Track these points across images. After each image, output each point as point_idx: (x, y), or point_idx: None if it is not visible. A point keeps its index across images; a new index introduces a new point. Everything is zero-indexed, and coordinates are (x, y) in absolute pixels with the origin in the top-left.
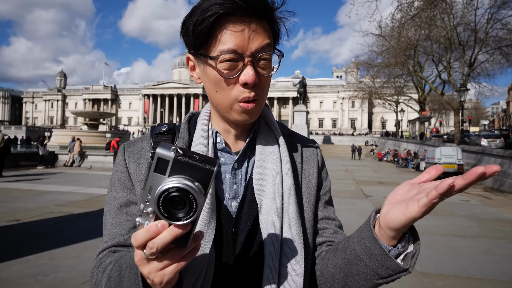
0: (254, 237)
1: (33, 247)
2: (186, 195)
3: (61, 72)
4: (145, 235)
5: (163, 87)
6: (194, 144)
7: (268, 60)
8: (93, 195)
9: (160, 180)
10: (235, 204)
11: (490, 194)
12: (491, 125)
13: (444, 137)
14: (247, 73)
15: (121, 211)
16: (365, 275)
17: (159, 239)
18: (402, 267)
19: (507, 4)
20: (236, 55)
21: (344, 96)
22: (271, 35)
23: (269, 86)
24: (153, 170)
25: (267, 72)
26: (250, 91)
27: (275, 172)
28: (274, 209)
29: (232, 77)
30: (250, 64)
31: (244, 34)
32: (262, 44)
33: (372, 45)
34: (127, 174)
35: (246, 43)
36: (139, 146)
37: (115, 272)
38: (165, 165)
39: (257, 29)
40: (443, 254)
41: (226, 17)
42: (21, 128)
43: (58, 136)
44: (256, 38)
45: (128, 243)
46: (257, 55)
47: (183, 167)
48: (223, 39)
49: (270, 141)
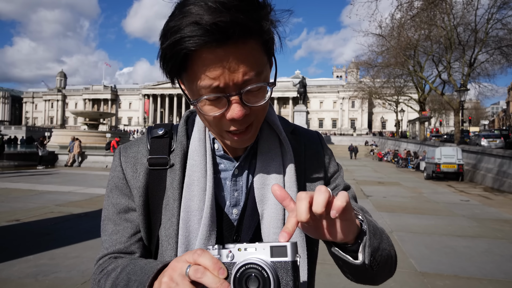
0: None
1: (33, 247)
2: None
3: (61, 72)
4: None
5: (163, 87)
6: (191, 151)
7: (257, 88)
8: (93, 195)
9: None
10: (236, 212)
11: (490, 194)
12: (491, 125)
13: (444, 137)
14: (234, 110)
15: (120, 218)
16: (355, 270)
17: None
18: (357, 264)
19: (507, 4)
20: (218, 93)
21: (344, 96)
22: (260, 53)
23: (267, 106)
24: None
25: (259, 99)
26: (240, 123)
27: (277, 181)
28: (276, 220)
29: (218, 113)
30: (236, 102)
31: (223, 67)
32: (246, 75)
33: (372, 45)
34: (124, 180)
35: (226, 78)
36: (135, 150)
37: (122, 281)
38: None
39: (238, 56)
40: (443, 254)
41: (200, 48)
42: (21, 128)
43: (58, 136)
44: (238, 67)
45: (129, 250)
46: (243, 90)
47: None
48: (199, 73)
49: (272, 146)
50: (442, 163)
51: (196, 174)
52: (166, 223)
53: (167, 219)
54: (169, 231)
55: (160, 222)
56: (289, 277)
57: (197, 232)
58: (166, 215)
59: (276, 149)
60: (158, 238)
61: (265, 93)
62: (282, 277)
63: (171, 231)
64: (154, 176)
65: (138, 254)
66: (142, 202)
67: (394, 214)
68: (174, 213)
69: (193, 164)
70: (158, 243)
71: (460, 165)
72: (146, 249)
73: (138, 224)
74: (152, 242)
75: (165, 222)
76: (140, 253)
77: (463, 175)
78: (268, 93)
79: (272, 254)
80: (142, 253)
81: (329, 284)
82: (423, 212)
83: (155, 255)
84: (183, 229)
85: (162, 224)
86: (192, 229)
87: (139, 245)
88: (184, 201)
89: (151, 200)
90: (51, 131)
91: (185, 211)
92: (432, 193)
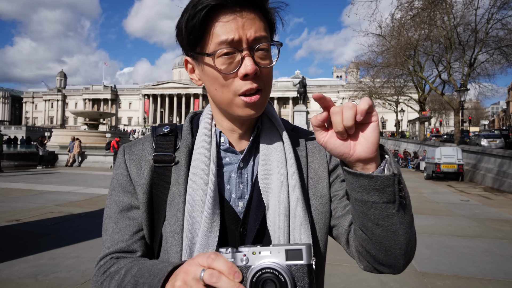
0: (262, 237)
1: (33, 247)
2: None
3: (61, 72)
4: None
5: (163, 87)
6: (197, 145)
7: (266, 50)
8: (93, 195)
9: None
10: (242, 204)
11: (490, 194)
12: (491, 125)
13: (444, 137)
14: (246, 65)
15: (123, 216)
16: (381, 212)
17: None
18: (388, 175)
19: (507, 4)
20: (232, 48)
21: (344, 96)
22: (266, 26)
23: (272, 78)
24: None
25: (267, 63)
26: (252, 82)
27: (280, 170)
28: (281, 208)
29: (231, 72)
30: (248, 56)
31: (238, 23)
32: (257, 33)
33: (372, 45)
34: (128, 177)
35: (240, 32)
36: (140, 148)
37: (128, 285)
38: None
39: (250, 18)
40: (443, 254)
41: (218, 10)
42: (21, 128)
43: (58, 136)
44: (250, 26)
45: (131, 248)
46: (254, 46)
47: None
48: (217, 31)
49: (274, 138)
50: (442, 163)
51: (200, 167)
52: (171, 219)
53: (172, 214)
54: (175, 227)
55: (164, 219)
56: (305, 281)
57: (200, 225)
58: (171, 211)
59: (278, 140)
60: (161, 235)
61: (271, 59)
62: (298, 281)
63: (176, 226)
64: (159, 173)
65: (140, 253)
66: (146, 199)
67: None
68: (180, 208)
69: (198, 157)
70: (161, 241)
71: (460, 165)
72: (148, 247)
73: (141, 222)
74: (154, 240)
75: (170, 218)
76: (142, 252)
77: (463, 175)
78: (274, 60)
79: (287, 258)
80: (144, 252)
81: (329, 284)
82: (423, 212)
83: (158, 253)
84: (187, 223)
85: (167, 220)
86: (195, 222)
87: (141, 244)
88: (189, 194)
89: (155, 197)
90: (51, 131)
91: (189, 203)
92: (432, 193)
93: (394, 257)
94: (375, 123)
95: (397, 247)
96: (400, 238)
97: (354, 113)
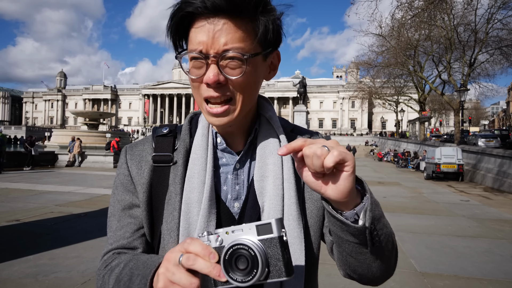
0: None
1: (33, 247)
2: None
3: (61, 72)
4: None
5: (163, 87)
6: (194, 146)
7: (237, 59)
8: (93, 195)
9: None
10: (238, 205)
11: (490, 194)
12: (491, 125)
13: (444, 137)
14: (208, 73)
15: (125, 214)
16: (354, 249)
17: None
18: (359, 227)
19: (507, 4)
20: (200, 54)
21: (344, 96)
22: (249, 34)
23: (251, 88)
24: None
25: (237, 73)
26: (215, 90)
27: (276, 173)
28: (275, 211)
29: (198, 77)
30: (213, 63)
31: (209, 33)
32: (228, 44)
33: (372, 45)
34: (129, 177)
35: (210, 42)
36: (140, 148)
37: (125, 276)
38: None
39: (225, 28)
40: (443, 254)
41: (196, 16)
42: (21, 128)
43: (58, 136)
44: (222, 36)
45: (132, 245)
46: (222, 55)
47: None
48: (190, 36)
49: (272, 140)
50: (442, 163)
51: (197, 168)
52: (168, 217)
53: (169, 213)
54: (171, 225)
55: (162, 218)
56: (278, 253)
57: (196, 224)
58: (168, 209)
59: (275, 142)
60: (160, 233)
61: (244, 69)
62: (270, 254)
63: (172, 225)
64: (158, 173)
65: (140, 250)
66: (146, 198)
67: (394, 214)
68: (176, 207)
69: (195, 157)
70: (160, 238)
71: (460, 165)
72: (148, 245)
73: (142, 220)
74: (154, 238)
75: (167, 216)
76: (143, 248)
77: (463, 175)
78: (244, 68)
79: (258, 233)
80: (144, 249)
81: (329, 284)
82: (423, 212)
83: (157, 250)
84: (183, 221)
85: (164, 218)
86: (191, 221)
87: (142, 241)
88: (185, 194)
89: (154, 196)
90: (51, 131)
91: (186, 203)
92: (432, 193)
93: (369, 280)
94: (348, 173)
95: (370, 275)
96: (373, 270)
97: (321, 164)
